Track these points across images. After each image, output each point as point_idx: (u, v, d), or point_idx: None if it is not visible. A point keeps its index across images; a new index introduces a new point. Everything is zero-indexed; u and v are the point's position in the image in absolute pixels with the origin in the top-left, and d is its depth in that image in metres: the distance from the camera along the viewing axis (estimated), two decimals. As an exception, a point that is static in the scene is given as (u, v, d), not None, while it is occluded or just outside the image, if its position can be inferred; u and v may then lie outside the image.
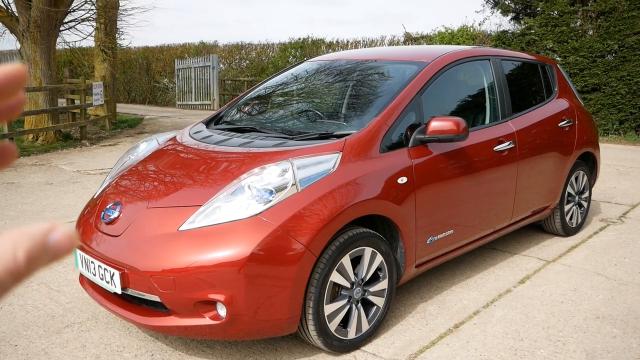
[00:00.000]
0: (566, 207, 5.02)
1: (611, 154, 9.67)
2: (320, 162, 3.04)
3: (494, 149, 3.96)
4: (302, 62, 4.71)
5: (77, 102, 13.86)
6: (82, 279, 3.45)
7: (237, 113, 4.31)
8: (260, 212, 2.78)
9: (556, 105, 4.83)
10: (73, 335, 3.37)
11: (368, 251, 3.13)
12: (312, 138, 3.34)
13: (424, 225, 3.45)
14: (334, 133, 3.35)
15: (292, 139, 3.39)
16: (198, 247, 2.74)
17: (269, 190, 2.86)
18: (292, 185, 2.88)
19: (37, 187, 7.32)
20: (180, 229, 2.82)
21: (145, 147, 3.87)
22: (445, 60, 3.84)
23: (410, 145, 3.41)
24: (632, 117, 11.91)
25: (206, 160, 3.33)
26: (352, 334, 3.13)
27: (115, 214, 3.08)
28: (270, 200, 2.83)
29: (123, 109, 18.61)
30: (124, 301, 3.06)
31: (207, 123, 4.18)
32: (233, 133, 3.71)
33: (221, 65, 20.75)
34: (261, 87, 4.56)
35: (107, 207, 3.16)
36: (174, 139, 3.86)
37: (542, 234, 5.22)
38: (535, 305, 3.75)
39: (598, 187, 7.01)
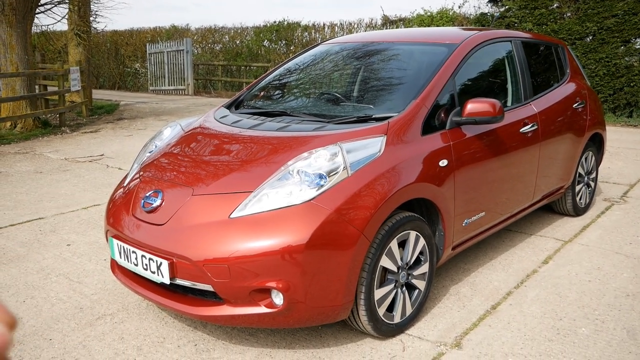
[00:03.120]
0: (577, 188, 5.09)
1: (595, 134, 9.84)
2: (367, 146, 2.99)
3: (520, 130, 3.97)
4: (318, 44, 4.63)
5: (50, 88, 13.47)
6: (115, 269, 3.35)
7: (260, 97, 4.22)
8: (314, 197, 2.73)
9: (570, 86, 4.88)
10: (108, 328, 3.28)
11: (412, 235, 3.11)
12: (350, 121, 3.29)
13: (461, 207, 3.45)
14: (374, 116, 3.30)
15: (329, 122, 3.33)
16: (252, 234, 2.68)
17: (320, 174, 2.81)
18: (343, 169, 2.83)
19: (27, 176, 7.10)
20: (231, 216, 2.75)
21: (170, 132, 3.77)
22: (473, 41, 3.83)
23: (447, 127, 3.39)
24: (611, 98, 12.14)
25: (245, 145, 3.25)
26: (397, 318, 3.11)
27: (158, 202, 2.98)
28: (323, 185, 2.77)
29: (95, 94, 18.11)
30: (168, 291, 2.98)
31: (229, 107, 4.08)
32: (263, 117, 3.63)
33: (195, 50, 20.39)
34: (279, 71, 4.46)
35: (147, 194, 3.06)
36: (201, 123, 3.75)
37: (551, 214, 5.28)
38: (564, 284, 3.79)
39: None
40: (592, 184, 5.41)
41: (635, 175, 6.90)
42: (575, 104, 4.80)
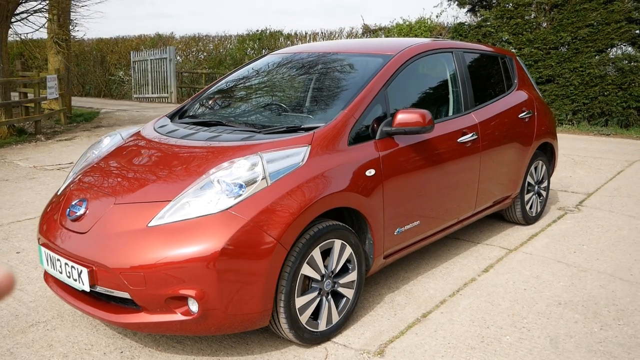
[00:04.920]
0: (526, 197, 5.15)
1: (566, 144, 9.94)
2: (289, 156, 3.04)
3: (458, 140, 4.03)
4: (265, 54, 4.69)
5: (30, 95, 13.48)
6: (47, 277, 3.38)
7: (201, 107, 4.27)
8: (231, 207, 2.77)
9: (516, 96, 4.94)
10: (39, 335, 3.30)
11: (337, 243, 3.15)
12: (279, 131, 3.34)
13: (391, 216, 3.49)
14: (302, 126, 3.35)
15: (259, 132, 3.38)
16: (168, 242, 2.71)
17: (239, 184, 2.85)
18: (262, 179, 2.87)
19: (-8, 184, 7.11)
20: (149, 224, 2.79)
21: (109, 142, 3.80)
22: (409, 52, 3.88)
23: (377, 137, 3.44)
24: (585, 107, 12.25)
25: (173, 155, 3.29)
26: (322, 325, 3.15)
27: (82, 211, 3.02)
28: (241, 195, 2.82)
29: (78, 102, 18.17)
30: (92, 299, 3.01)
31: (172, 117, 4.13)
32: (199, 127, 3.67)
33: (178, 58, 20.46)
34: (226, 80, 4.52)
35: (73, 203, 3.10)
36: (138, 133, 3.80)
37: (503, 223, 5.34)
38: (499, 293, 3.84)
39: (555, 177, 7.20)
40: (544, 193, 5.46)
41: (595, 184, 6.97)
42: (522, 114, 4.86)
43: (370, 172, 3.30)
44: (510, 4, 12.94)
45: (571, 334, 3.29)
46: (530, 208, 5.25)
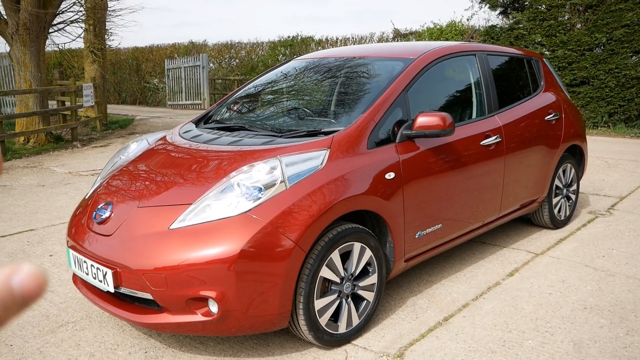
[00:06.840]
0: (554, 200, 5.08)
1: (600, 146, 9.76)
2: (308, 159, 3.08)
3: (481, 143, 4.01)
4: (290, 60, 4.74)
5: (67, 103, 13.85)
6: (76, 279, 3.48)
7: (226, 112, 4.34)
8: (250, 210, 2.82)
9: (542, 99, 4.89)
10: (67, 334, 3.40)
11: (357, 246, 3.16)
12: (300, 135, 3.38)
13: (412, 219, 3.50)
14: (322, 130, 3.39)
15: (280, 136, 3.42)
16: (189, 244, 2.77)
17: (258, 187, 2.90)
18: (281, 182, 2.92)
19: (29, 189, 7.33)
20: (171, 227, 2.86)
21: (136, 147, 3.90)
22: (431, 56, 3.89)
23: (397, 140, 3.45)
24: (621, 109, 12.00)
25: (196, 159, 3.36)
26: (342, 328, 3.17)
27: (107, 214, 3.11)
28: (259, 198, 2.86)
29: (114, 109, 18.58)
30: (117, 299, 3.09)
31: (197, 122, 4.21)
32: (222, 132, 3.74)
33: (211, 65, 20.76)
34: (250, 85, 4.59)
35: (99, 207, 3.19)
36: (164, 138, 3.89)
37: (531, 227, 5.28)
38: (523, 297, 3.80)
39: (587, 180, 7.09)
40: (573, 196, 5.38)
41: (628, 187, 6.83)
42: (548, 116, 4.80)
43: (390, 176, 3.31)
44: (543, 6, 12.77)
45: (596, 339, 3.24)
46: (559, 212, 5.18)
